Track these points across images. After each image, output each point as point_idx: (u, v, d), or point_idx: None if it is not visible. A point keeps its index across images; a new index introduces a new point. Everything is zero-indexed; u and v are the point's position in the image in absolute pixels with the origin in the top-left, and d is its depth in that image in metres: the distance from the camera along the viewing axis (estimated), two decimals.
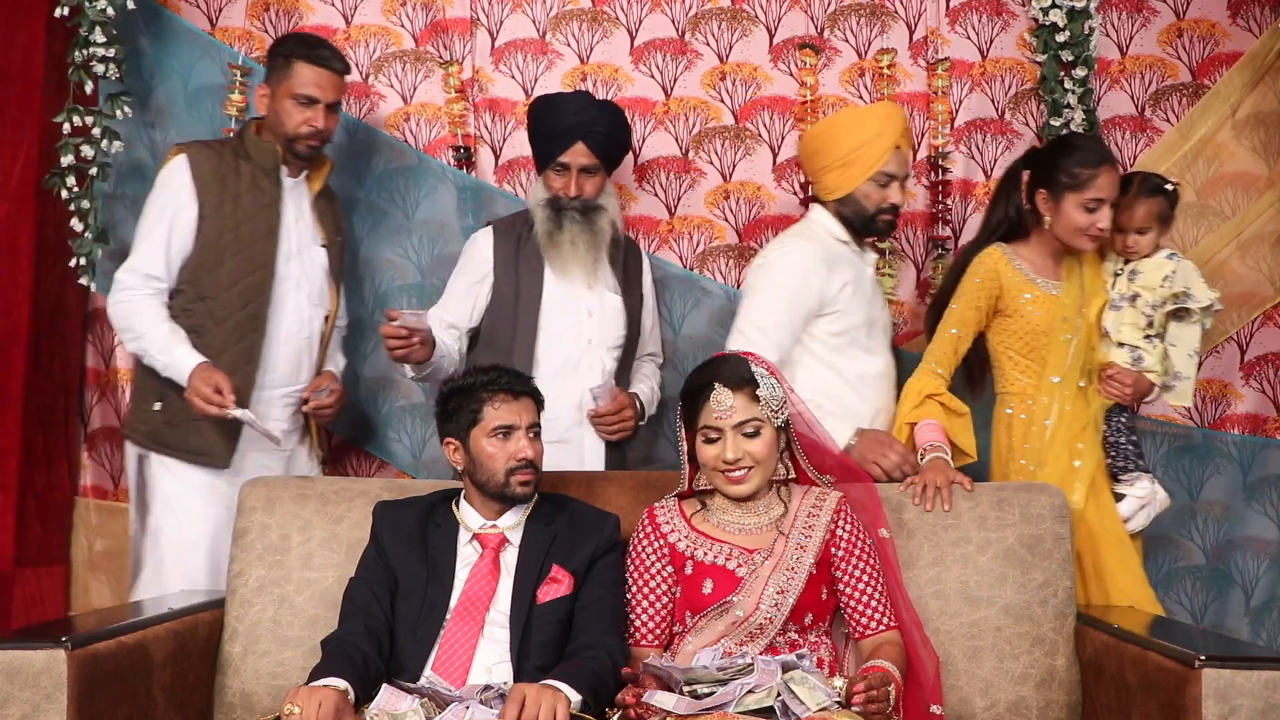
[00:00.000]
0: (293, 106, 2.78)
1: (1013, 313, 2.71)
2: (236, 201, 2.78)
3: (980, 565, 2.38)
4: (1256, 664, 1.89)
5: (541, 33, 3.31)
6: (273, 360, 2.81)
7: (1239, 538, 3.22)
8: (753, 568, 2.16)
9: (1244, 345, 3.26)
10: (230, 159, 2.81)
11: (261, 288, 2.79)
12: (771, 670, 1.92)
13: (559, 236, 2.81)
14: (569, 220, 2.81)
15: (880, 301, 2.87)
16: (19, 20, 3.05)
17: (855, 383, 2.73)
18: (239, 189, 2.79)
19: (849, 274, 2.73)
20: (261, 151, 2.82)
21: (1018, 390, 2.73)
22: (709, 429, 2.17)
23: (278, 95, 2.80)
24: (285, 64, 2.79)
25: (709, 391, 2.17)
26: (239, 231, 2.77)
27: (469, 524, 2.27)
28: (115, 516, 3.24)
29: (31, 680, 1.92)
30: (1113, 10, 3.27)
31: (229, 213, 2.77)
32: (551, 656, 2.13)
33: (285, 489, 2.50)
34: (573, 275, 2.82)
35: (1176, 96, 3.27)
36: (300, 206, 2.88)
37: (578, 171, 2.81)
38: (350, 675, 1.98)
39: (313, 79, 2.78)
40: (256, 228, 2.79)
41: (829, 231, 2.78)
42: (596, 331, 2.86)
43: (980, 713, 2.31)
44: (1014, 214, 2.78)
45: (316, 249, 2.91)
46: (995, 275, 2.71)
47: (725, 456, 2.15)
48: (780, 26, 3.31)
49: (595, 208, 2.84)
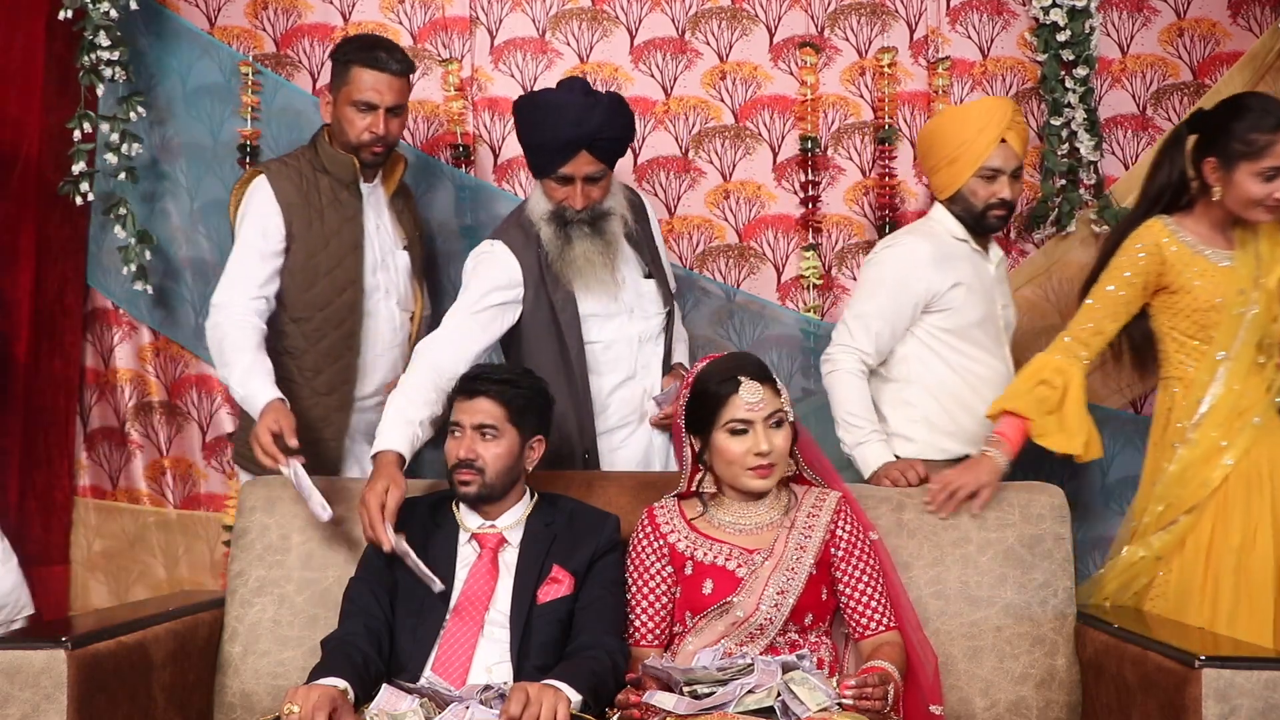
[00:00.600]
0: (353, 113, 2.67)
1: (1179, 289, 2.49)
2: (321, 219, 2.68)
3: (980, 565, 2.38)
4: (1256, 664, 1.89)
5: (541, 31, 3.30)
6: (368, 374, 2.76)
7: None
8: (753, 568, 2.16)
9: None
10: (309, 174, 2.71)
11: (353, 306, 2.70)
12: (771, 670, 1.92)
13: (570, 253, 2.58)
14: (578, 234, 2.58)
15: (1003, 301, 2.79)
16: (19, 20, 3.05)
17: (976, 384, 2.68)
18: (321, 205, 2.69)
19: (964, 272, 2.67)
20: (338, 164, 2.71)
21: (1181, 375, 2.54)
22: (738, 422, 2.15)
23: (339, 102, 2.70)
24: (343, 70, 2.69)
25: (735, 386, 2.15)
26: (327, 250, 2.68)
27: (467, 524, 2.27)
28: (115, 516, 3.24)
29: (31, 680, 1.92)
30: (1113, 10, 3.26)
31: (316, 232, 2.68)
32: (551, 656, 2.13)
33: (285, 489, 2.50)
34: (595, 291, 2.62)
35: (1178, 96, 3.27)
36: (380, 212, 2.79)
37: (583, 180, 2.57)
38: (350, 675, 1.98)
39: (370, 83, 2.66)
40: (342, 244, 2.70)
41: (947, 229, 2.72)
42: (643, 324, 2.70)
43: (980, 713, 2.31)
44: (1177, 181, 2.58)
45: (399, 252, 2.82)
46: (1158, 250, 2.50)
47: (759, 448, 2.13)
48: (780, 26, 3.31)
49: (603, 214, 2.61)
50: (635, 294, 2.69)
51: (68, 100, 3.09)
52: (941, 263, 2.66)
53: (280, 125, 3.26)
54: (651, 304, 2.71)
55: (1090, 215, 3.21)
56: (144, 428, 3.30)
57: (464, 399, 2.26)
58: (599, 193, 2.60)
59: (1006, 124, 2.66)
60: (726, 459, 2.17)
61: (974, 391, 2.68)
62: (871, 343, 2.64)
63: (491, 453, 2.21)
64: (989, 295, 2.73)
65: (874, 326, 2.65)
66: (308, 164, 2.73)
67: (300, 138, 3.23)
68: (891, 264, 2.69)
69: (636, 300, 2.69)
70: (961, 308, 2.67)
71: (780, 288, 3.29)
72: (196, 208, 3.27)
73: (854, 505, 2.30)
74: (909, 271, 2.66)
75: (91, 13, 3.02)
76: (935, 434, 2.69)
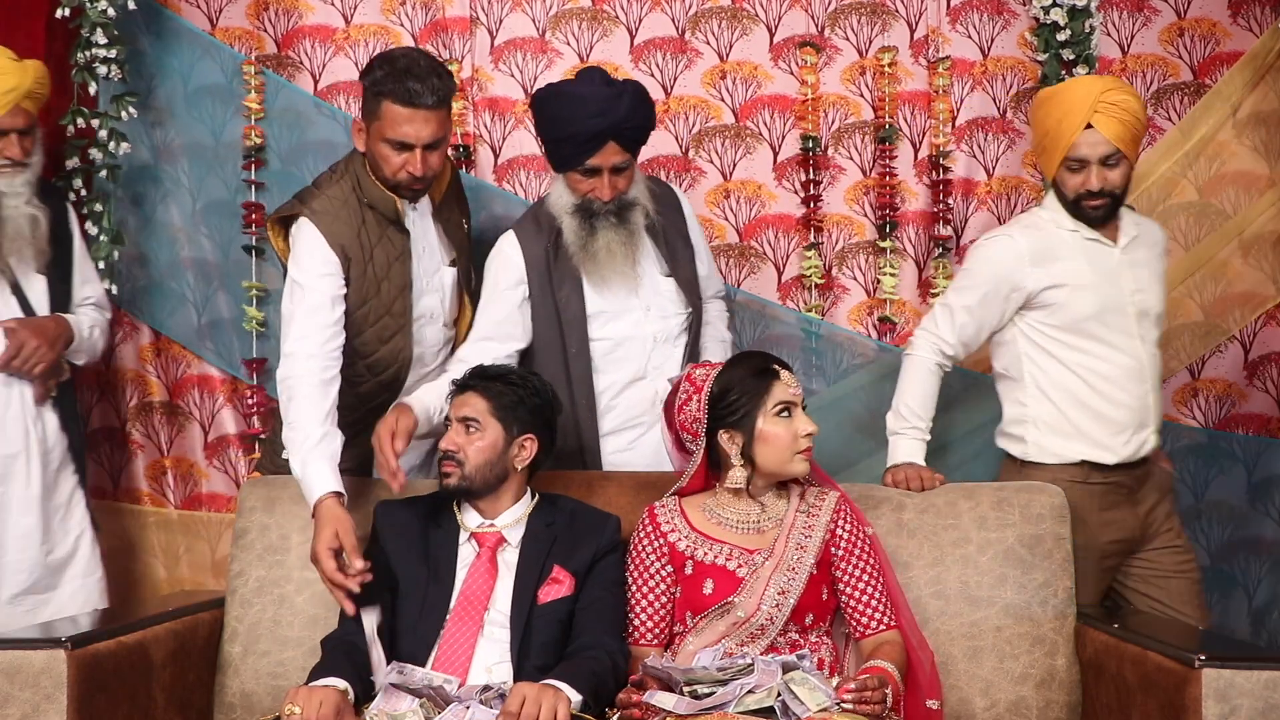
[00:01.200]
0: (388, 150, 2.43)
1: None
2: (372, 261, 2.52)
3: (980, 565, 2.38)
4: (1256, 664, 1.89)
5: (541, 31, 3.30)
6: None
7: (1243, 538, 3.21)
8: (753, 568, 2.16)
9: (1248, 345, 3.25)
10: (356, 211, 2.50)
11: (398, 354, 2.58)
12: (772, 670, 1.92)
13: (593, 245, 2.53)
14: (603, 225, 2.53)
15: (1135, 286, 2.60)
16: (19, 20, 3.05)
17: (1099, 382, 2.56)
18: (372, 246, 2.52)
19: (1072, 266, 2.55)
20: (382, 202, 2.51)
21: None
22: (784, 404, 2.18)
23: (371, 137, 2.46)
24: (374, 102, 2.43)
25: (775, 374, 2.20)
26: (379, 297, 2.54)
27: (467, 523, 2.27)
28: (115, 516, 3.24)
29: (31, 680, 1.92)
30: (1113, 9, 3.26)
31: (369, 277, 2.51)
32: (552, 657, 2.13)
33: (285, 489, 2.50)
34: (613, 284, 2.56)
35: (1178, 95, 3.26)
36: (425, 231, 2.61)
37: (610, 171, 2.52)
38: (350, 675, 1.99)
39: (404, 120, 2.39)
40: (392, 287, 2.54)
41: (1054, 220, 2.61)
42: (660, 324, 2.63)
43: (980, 713, 2.31)
44: None
45: (445, 270, 2.67)
46: None
47: (806, 429, 2.18)
48: (780, 25, 3.31)
49: (628, 204, 2.56)
50: (653, 291, 2.64)
51: (66, 99, 3.09)
52: (1041, 259, 2.56)
53: (281, 126, 3.26)
54: (670, 303, 2.65)
55: None
56: (145, 428, 3.30)
57: (455, 394, 2.29)
58: (625, 183, 2.56)
59: (1089, 108, 2.49)
60: (777, 445, 2.18)
61: (1095, 391, 2.56)
62: (954, 334, 2.61)
63: (473, 446, 2.22)
64: (1112, 284, 2.57)
65: (959, 319, 2.61)
66: (352, 193, 2.52)
67: (301, 138, 3.25)
68: (985, 259, 2.62)
69: (654, 297, 2.64)
70: (1069, 303, 2.54)
71: (781, 287, 3.29)
72: (199, 208, 3.27)
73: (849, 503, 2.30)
74: (1001, 269, 2.58)
75: (89, 11, 3.02)
76: (1048, 435, 2.59)
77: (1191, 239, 3.23)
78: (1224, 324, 3.22)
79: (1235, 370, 3.25)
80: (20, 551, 2.70)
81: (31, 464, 2.72)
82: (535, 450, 2.29)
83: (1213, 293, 3.22)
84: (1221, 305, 3.22)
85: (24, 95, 2.66)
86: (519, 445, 2.27)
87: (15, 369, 2.68)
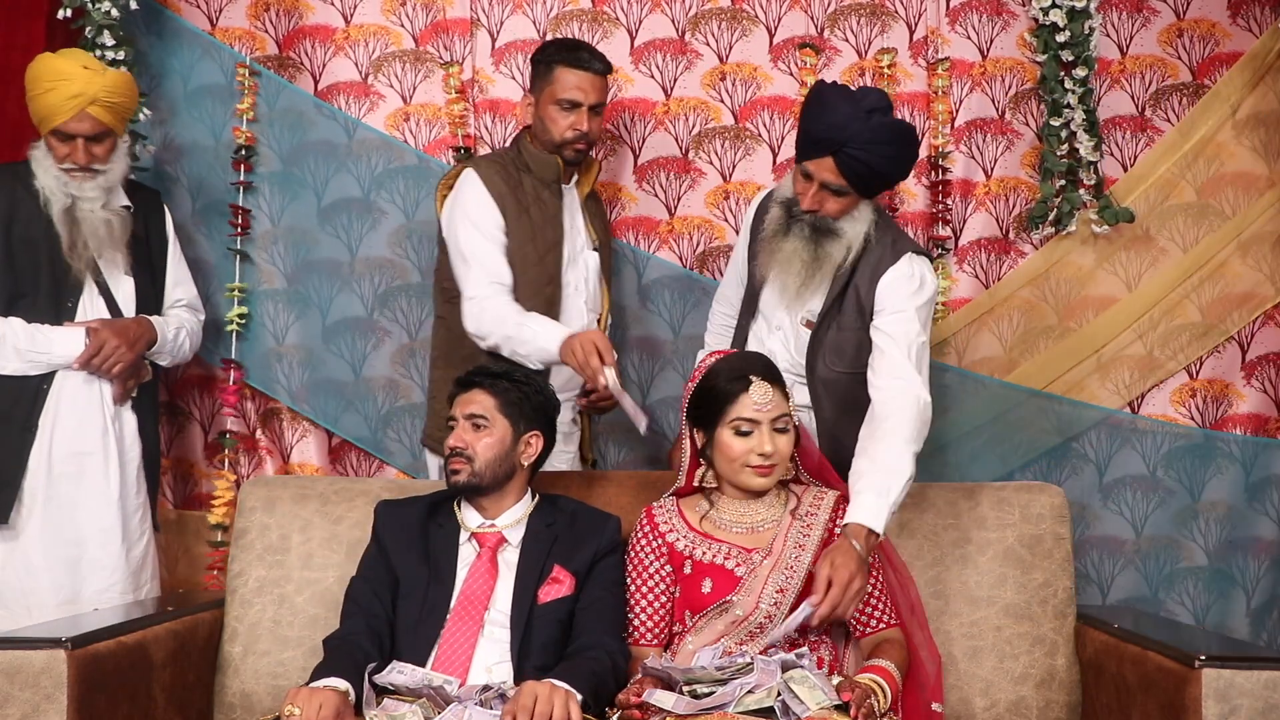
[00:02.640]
0: (556, 112, 2.76)
1: None
2: (527, 214, 2.77)
3: (980, 565, 2.38)
4: (1256, 664, 1.90)
5: (542, 33, 3.30)
6: (562, 369, 2.74)
7: (1241, 538, 3.21)
8: (751, 567, 2.16)
9: (1245, 345, 3.25)
10: (514, 173, 2.79)
11: (552, 302, 2.77)
12: (771, 670, 1.92)
13: (779, 243, 2.52)
14: (795, 230, 2.50)
15: None
16: (19, 20, 3.05)
17: None
18: (527, 203, 2.78)
19: None
20: (542, 164, 2.80)
21: None
22: (744, 421, 2.16)
23: (542, 103, 2.79)
24: (547, 70, 2.78)
25: (746, 385, 2.17)
26: (533, 244, 2.76)
27: (468, 523, 2.27)
28: None
29: (31, 680, 1.92)
30: (1113, 10, 3.26)
31: (524, 226, 2.75)
32: (552, 657, 2.13)
33: (285, 489, 2.51)
34: (774, 287, 2.57)
35: (1177, 96, 3.27)
36: (574, 213, 2.87)
37: (819, 186, 2.45)
38: (351, 675, 1.98)
39: (574, 82, 2.75)
40: (545, 240, 2.77)
41: None
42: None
43: (980, 713, 2.31)
44: None
45: (590, 253, 2.89)
46: None
47: (763, 449, 2.15)
48: (780, 26, 3.31)
49: (829, 229, 2.48)
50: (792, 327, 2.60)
51: None
52: None
53: (282, 127, 3.26)
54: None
55: (1090, 216, 3.21)
56: None
57: (460, 392, 2.30)
58: (836, 208, 2.47)
59: None
60: (729, 456, 2.19)
61: None
62: None
63: (481, 443, 2.23)
64: None
65: None
66: (511, 163, 2.81)
67: (302, 139, 3.25)
68: None
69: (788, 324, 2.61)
70: None
71: None
72: (198, 208, 3.27)
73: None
74: None
75: (92, 12, 3.02)
76: None
77: (1190, 240, 3.23)
78: (1222, 325, 3.22)
79: (1233, 370, 3.26)
80: (101, 548, 2.74)
81: (109, 463, 2.77)
82: (540, 447, 2.30)
83: (1211, 293, 3.22)
84: (1220, 306, 3.22)
85: (89, 101, 2.69)
86: (525, 442, 2.28)
87: (95, 368, 2.74)
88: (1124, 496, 3.20)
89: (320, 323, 3.26)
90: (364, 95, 3.30)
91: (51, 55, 2.76)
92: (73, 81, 2.68)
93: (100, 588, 2.73)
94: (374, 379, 3.26)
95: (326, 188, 3.25)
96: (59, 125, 2.69)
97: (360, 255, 3.25)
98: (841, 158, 2.39)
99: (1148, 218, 3.22)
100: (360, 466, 3.32)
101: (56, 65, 2.71)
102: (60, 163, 2.72)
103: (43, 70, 2.71)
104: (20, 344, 2.68)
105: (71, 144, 2.71)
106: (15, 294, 2.71)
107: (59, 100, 2.67)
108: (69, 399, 2.73)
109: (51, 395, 2.72)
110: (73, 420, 2.73)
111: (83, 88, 2.68)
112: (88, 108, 2.69)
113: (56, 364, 2.71)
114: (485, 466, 2.24)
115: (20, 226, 2.72)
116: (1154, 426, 3.22)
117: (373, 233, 3.25)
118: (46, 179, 2.73)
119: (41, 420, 2.70)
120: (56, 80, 2.68)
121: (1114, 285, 3.24)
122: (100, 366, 2.74)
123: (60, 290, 2.74)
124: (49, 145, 2.73)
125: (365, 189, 3.25)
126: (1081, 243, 3.23)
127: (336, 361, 3.25)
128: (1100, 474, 3.21)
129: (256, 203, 3.27)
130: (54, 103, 2.67)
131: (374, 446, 3.27)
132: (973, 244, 3.26)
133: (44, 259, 2.73)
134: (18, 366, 2.68)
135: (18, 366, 2.68)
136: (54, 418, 2.71)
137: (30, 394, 2.69)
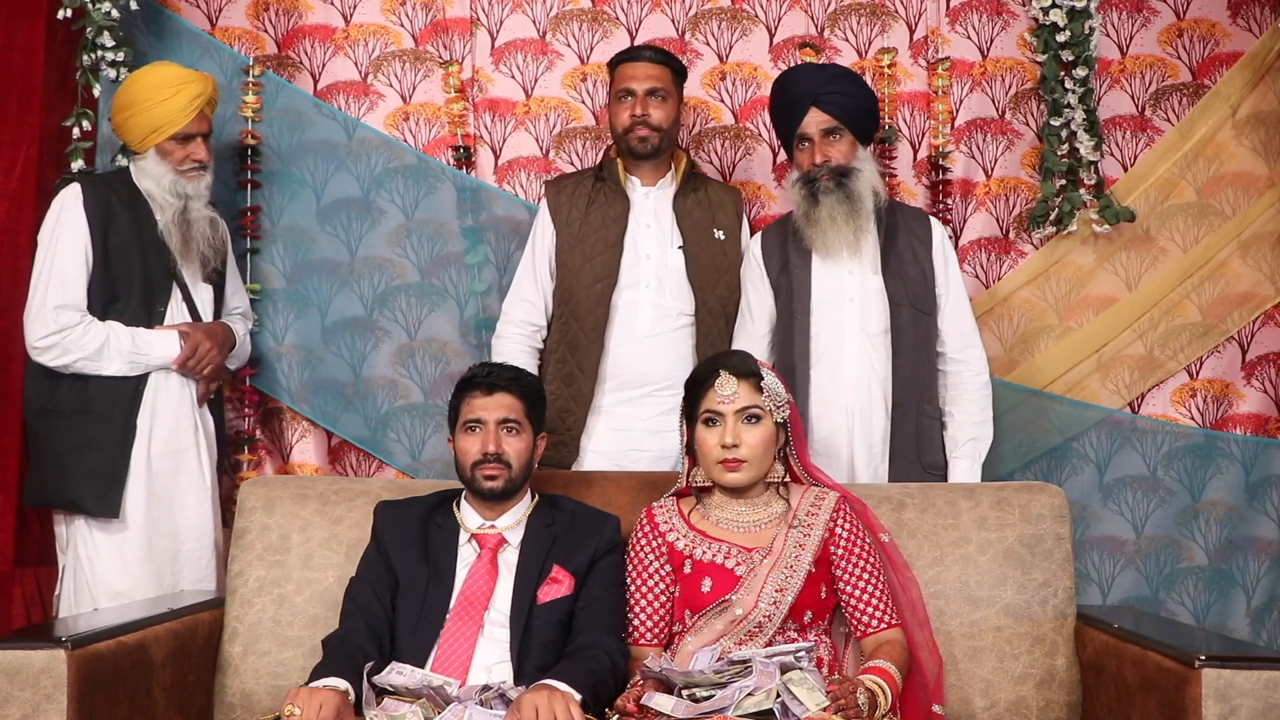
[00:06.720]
0: (617, 105, 2.92)
1: None
2: (584, 219, 2.91)
3: (980, 565, 2.38)
4: (1256, 664, 1.89)
5: (541, 33, 3.30)
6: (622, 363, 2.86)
7: (1241, 538, 3.21)
8: (751, 566, 2.16)
9: (1245, 345, 3.25)
10: (588, 186, 2.95)
11: (601, 299, 2.86)
12: (770, 671, 1.92)
13: (816, 213, 2.77)
14: (823, 190, 2.76)
15: None
16: (19, 21, 3.04)
17: None
18: (586, 207, 2.92)
19: None
20: (608, 168, 2.96)
21: None
22: (711, 413, 2.19)
23: (610, 103, 2.96)
24: (612, 73, 2.97)
25: (714, 378, 2.20)
26: (583, 246, 2.89)
27: (468, 524, 2.27)
28: None
29: (31, 680, 1.92)
30: (1113, 10, 3.26)
31: (577, 230, 2.90)
32: (551, 657, 2.13)
33: (285, 489, 2.51)
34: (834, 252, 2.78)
35: (1177, 96, 3.27)
36: (659, 213, 2.94)
37: (819, 137, 2.79)
38: (351, 675, 1.98)
39: (627, 73, 2.91)
40: (602, 240, 2.89)
41: None
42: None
43: (980, 713, 2.31)
44: None
45: (673, 251, 2.92)
46: None
47: (724, 440, 2.17)
48: (780, 26, 3.31)
49: (848, 170, 2.78)
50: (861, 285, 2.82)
51: (68, 100, 3.09)
52: None
53: (282, 126, 3.26)
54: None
55: (1090, 215, 3.21)
56: None
57: (482, 394, 2.25)
58: (840, 154, 2.79)
59: None
60: (702, 450, 2.22)
61: None
62: None
63: (515, 447, 2.23)
64: None
65: None
66: (590, 177, 2.98)
67: (301, 138, 3.25)
68: None
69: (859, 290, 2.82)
70: None
71: None
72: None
73: (862, 507, 2.31)
74: None
75: (92, 12, 3.02)
76: None
77: (1190, 240, 3.23)
78: (1223, 325, 3.22)
79: (1233, 370, 3.26)
80: (197, 541, 2.85)
81: (202, 458, 2.88)
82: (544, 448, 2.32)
83: (1211, 293, 3.22)
84: (1220, 306, 3.22)
85: (206, 101, 2.83)
86: (538, 444, 2.31)
87: (189, 370, 2.84)
88: (1124, 496, 3.20)
89: (320, 322, 3.26)
90: (363, 95, 3.30)
91: (154, 68, 2.87)
92: (192, 85, 2.80)
93: (196, 579, 2.83)
94: (373, 379, 3.25)
95: (326, 187, 3.25)
96: (183, 128, 2.79)
97: (360, 255, 3.25)
98: (821, 102, 2.77)
99: (1148, 218, 3.22)
100: (360, 466, 3.32)
101: (172, 73, 2.82)
102: (180, 164, 2.81)
103: (158, 80, 2.80)
104: (124, 347, 2.75)
105: (192, 144, 2.82)
106: (110, 299, 2.78)
107: (181, 104, 2.78)
108: (164, 399, 2.81)
109: (147, 395, 2.79)
110: (168, 419, 2.82)
111: (201, 89, 2.81)
112: (204, 108, 2.82)
113: (155, 365, 2.79)
114: (520, 471, 2.24)
115: (116, 236, 2.79)
116: (1154, 426, 3.22)
117: (372, 232, 3.25)
118: (157, 187, 2.81)
119: (139, 420, 2.77)
120: (179, 86, 2.78)
121: (1114, 285, 3.24)
122: (194, 368, 2.84)
123: (151, 296, 2.82)
124: (163, 151, 2.80)
125: (365, 189, 3.25)
126: (1082, 242, 3.23)
127: (336, 361, 3.25)
128: (1100, 474, 3.21)
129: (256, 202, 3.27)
130: (177, 107, 2.78)
131: (373, 446, 3.27)
132: (973, 244, 3.26)
133: (136, 265, 2.81)
134: (119, 368, 2.75)
135: (119, 368, 2.75)
136: (151, 417, 2.79)
137: (128, 395, 2.77)
